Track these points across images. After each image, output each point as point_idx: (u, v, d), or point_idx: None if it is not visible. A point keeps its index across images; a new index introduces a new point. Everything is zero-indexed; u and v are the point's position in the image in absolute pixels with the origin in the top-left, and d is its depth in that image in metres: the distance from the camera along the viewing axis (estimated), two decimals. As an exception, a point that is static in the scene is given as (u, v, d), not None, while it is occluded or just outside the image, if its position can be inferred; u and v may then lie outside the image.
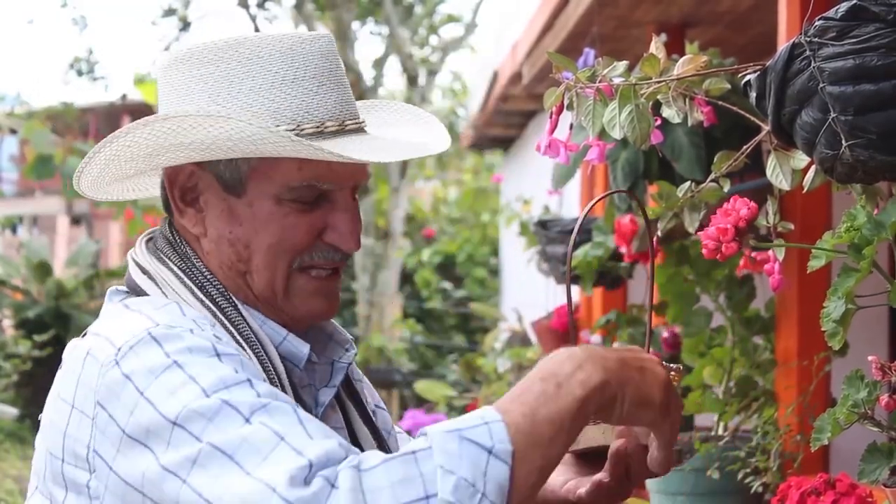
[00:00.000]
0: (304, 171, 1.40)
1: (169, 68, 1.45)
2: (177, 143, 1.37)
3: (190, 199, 1.45)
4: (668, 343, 3.28)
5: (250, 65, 1.41)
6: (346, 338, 1.54)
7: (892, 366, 1.59)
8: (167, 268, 1.44)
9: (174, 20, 14.68)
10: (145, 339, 1.28)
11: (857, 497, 1.84)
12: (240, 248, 1.43)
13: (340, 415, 1.53)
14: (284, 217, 1.42)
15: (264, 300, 1.45)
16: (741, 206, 1.61)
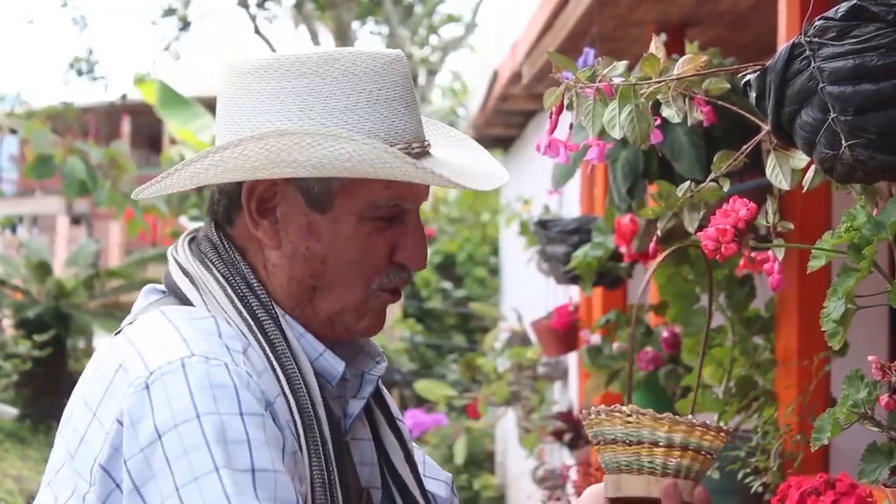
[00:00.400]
0: (390, 190, 1.41)
1: (252, 75, 1.41)
2: (290, 160, 1.35)
3: (266, 210, 1.43)
4: (668, 343, 3.28)
5: (345, 82, 1.40)
6: (377, 350, 1.54)
7: (892, 366, 1.59)
8: (210, 273, 1.43)
9: (174, 20, 14.68)
10: (177, 369, 1.30)
11: (857, 497, 1.84)
12: (315, 263, 1.42)
13: (368, 426, 1.53)
14: (367, 236, 1.42)
15: (323, 318, 1.44)
16: (740, 207, 1.61)
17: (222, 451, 1.26)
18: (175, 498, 1.24)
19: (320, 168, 1.36)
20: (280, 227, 1.42)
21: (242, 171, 1.38)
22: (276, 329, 1.40)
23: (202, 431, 1.26)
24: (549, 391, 6.39)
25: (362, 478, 1.48)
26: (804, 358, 2.54)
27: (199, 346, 1.33)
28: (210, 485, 1.24)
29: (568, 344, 4.67)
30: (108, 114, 21.26)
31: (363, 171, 1.36)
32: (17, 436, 8.12)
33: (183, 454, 1.26)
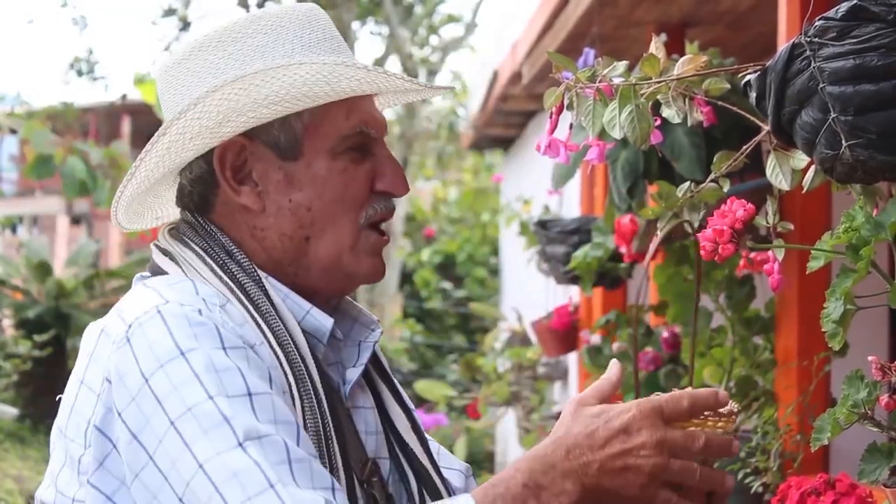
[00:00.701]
0: (351, 118, 1.43)
1: (185, 59, 1.44)
2: (250, 102, 1.37)
3: (242, 175, 1.44)
4: (668, 343, 3.28)
5: (276, 34, 1.43)
6: (371, 318, 1.54)
7: (891, 366, 1.59)
8: (188, 247, 1.44)
9: (174, 20, 14.68)
10: (153, 315, 1.30)
11: (856, 497, 1.84)
12: (302, 213, 1.43)
13: (370, 394, 1.53)
14: (343, 171, 1.43)
15: (323, 268, 1.44)
16: (737, 208, 1.61)
17: (213, 379, 1.25)
18: (172, 432, 1.23)
19: (281, 101, 1.37)
20: (260, 189, 1.43)
21: (209, 132, 1.39)
22: (258, 290, 1.40)
23: (189, 366, 1.26)
24: (549, 391, 6.39)
25: (368, 447, 1.48)
26: (804, 358, 2.54)
27: (173, 296, 1.34)
28: (206, 410, 1.23)
29: (568, 344, 4.67)
30: (108, 114, 21.24)
31: (321, 92, 1.38)
32: (17, 436, 8.12)
33: (173, 390, 1.25)
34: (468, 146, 10.92)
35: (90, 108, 18.95)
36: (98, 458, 1.30)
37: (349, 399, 1.48)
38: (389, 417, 1.52)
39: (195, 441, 1.22)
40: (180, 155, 1.43)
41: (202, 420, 1.22)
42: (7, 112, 14.29)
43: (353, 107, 1.44)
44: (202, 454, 1.21)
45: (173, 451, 1.23)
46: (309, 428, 1.33)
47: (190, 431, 1.22)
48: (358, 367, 1.49)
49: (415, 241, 14.78)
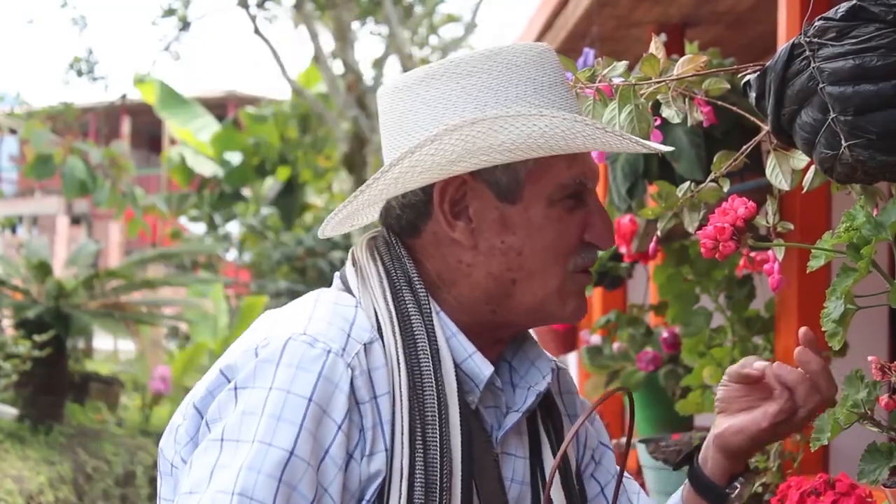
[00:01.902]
0: (572, 169, 1.45)
1: (416, 86, 1.45)
2: (485, 146, 1.38)
3: (458, 210, 1.45)
4: (668, 343, 3.28)
5: (510, 73, 1.43)
6: (546, 365, 1.53)
7: (891, 366, 1.59)
8: (374, 265, 1.46)
9: (174, 20, 14.69)
10: (282, 343, 1.36)
11: (856, 497, 1.84)
12: (512, 256, 1.44)
13: (527, 442, 1.53)
14: (558, 220, 1.45)
15: (525, 310, 1.46)
16: (739, 206, 1.61)
17: (270, 425, 1.30)
18: (217, 445, 1.31)
19: (515, 149, 1.38)
20: (474, 226, 1.44)
21: (439, 168, 1.40)
22: (421, 325, 1.41)
23: (265, 402, 1.31)
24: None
25: (510, 495, 1.48)
26: (804, 358, 2.53)
27: (314, 327, 1.37)
28: (240, 451, 1.29)
29: (568, 344, 4.67)
30: (108, 114, 21.24)
31: (556, 145, 1.39)
32: (17, 436, 8.11)
33: (240, 414, 1.32)
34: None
35: (90, 108, 18.95)
36: (190, 432, 1.37)
37: (500, 444, 1.48)
38: (543, 469, 1.52)
39: (219, 466, 1.29)
40: (406, 185, 1.44)
41: (236, 455, 1.29)
42: (7, 112, 14.29)
43: (576, 158, 1.45)
44: (201, 482, 1.29)
45: (204, 458, 1.31)
46: (416, 473, 1.34)
47: (224, 457, 1.30)
48: (515, 413, 1.49)
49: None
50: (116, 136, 20.96)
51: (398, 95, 1.47)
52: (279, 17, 18.89)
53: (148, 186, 19.65)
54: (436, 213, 1.45)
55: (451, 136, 1.38)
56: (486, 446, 1.44)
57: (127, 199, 11.42)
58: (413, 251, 1.48)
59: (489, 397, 1.47)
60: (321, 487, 1.31)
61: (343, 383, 1.34)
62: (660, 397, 3.25)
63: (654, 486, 2.68)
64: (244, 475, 1.27)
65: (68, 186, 10.93)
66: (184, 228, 20.26)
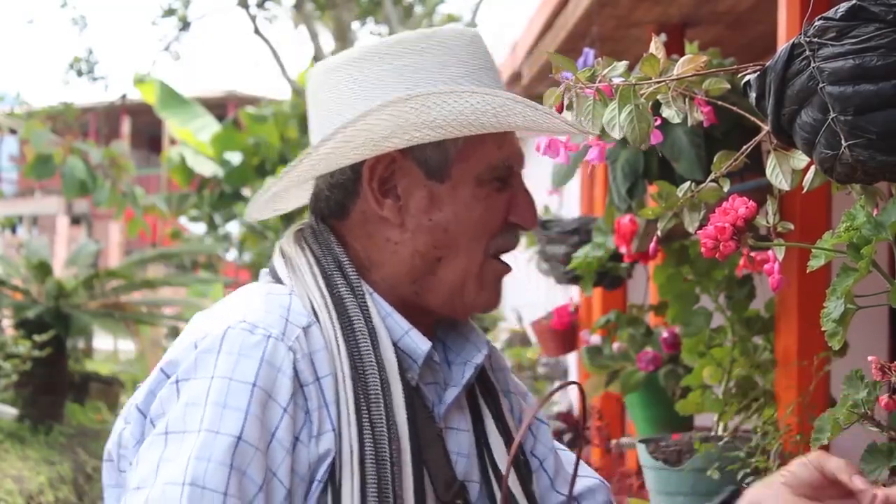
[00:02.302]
0: (502, 150, 1.47)
1: (349, 66, 1.46)
2: (417, 122, 1.39)
3: (387, 188, 1.46)
4: (668, 343, 3.28)
5: (443, 55, 1.45)
6: (481, 339, 1.55)
7: (892, 366, 1.59)
8: (304, 254, 1.47)
9: (174, 20, 14.69)
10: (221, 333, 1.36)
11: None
12: (438, 233, 1.45)
13: (468, 415, 1.54)
14: (485, 198, 1.46)
15: (446, 291, 1.47)
16: (739, 205, 1.61)
17: (215, 413, 1.30)
18: (161, 439, 1.31)
19: (447, 126, 1.39)
20: (402, 203, 1.46)
21: (371, 144, 1.41)
22: (356, 307, 1.42)
23: (208, 391, 1.31)
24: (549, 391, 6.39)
25: (458, 469, 1.48)
26: (804, 358, 2.54)
27: (252, 316, 1.38)
28: (186, 442, 1.29)
29: (568, 344, 4.67)
30: (108, 114, 21.25)
31: (486, 122, 1.40)
32: (17, 436, 8.11)
33: (183, 406, 1.32)
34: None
35: (90, 108, 18.97)
36: (136, 435, 1.36)
37: (443, 419, 1.49)
38: (487, 441, 1.53)
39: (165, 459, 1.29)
40: (338, 161, 1.45)
41: (182, 447, 1.29)
42: (7, 112, 14.29)
43: (505, 139, 1.48)
44: (148, 476, 1.29)
45: (149, 453, 1.31)
46: (366, 450, 1.35)
47: (169, 450, 1.29)
48: (454, 388, 1.50)
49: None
50: (116, 136, 20.95)
51: (329, 76, 1.47)
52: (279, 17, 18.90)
53: (148, 186, 19.65)
54: (364, 192, 1.46)
55: (384, 112, 1.39)
56: (429, 422, 1.46)
57: (127, 199, 11.42)
58: (341, 234, 1.49)
59: (428, 374, 1.49)
60: (270, 471, 1.31)
61: (286, 367, 1.35)
62: (660, 397, 3.25)
63: (655, 485, 2.68)
64: (194, 465, 1.27)
65: (68, 186, 10.93)
66: (184, 228, 20.25)
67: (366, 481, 1.33)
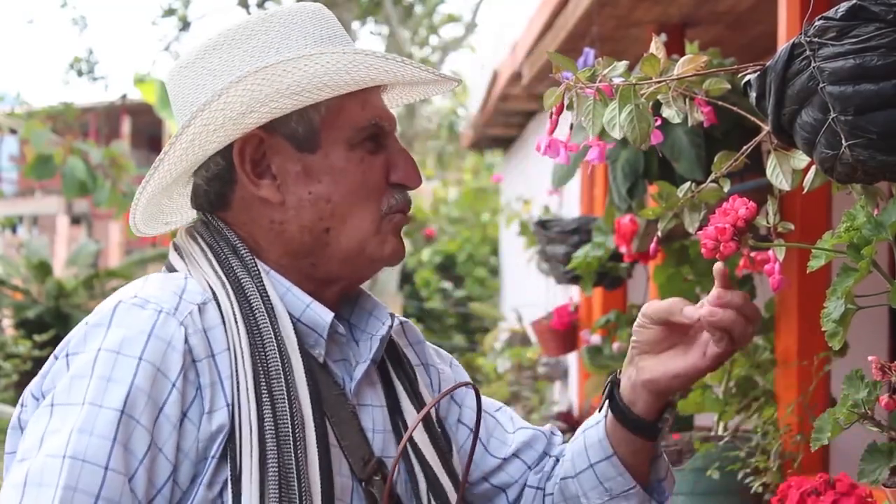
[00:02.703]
0: (366, 110, 1.46)
1: (199, 59, 1.46)
2: (272, 92, 1.39)
3: (261, 169, 1.45)
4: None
5: (289, 30, 1.45)
6: (384, 312, 1.54)
7: (892, 366, 1.59)
8: (195, 242, 1.47)
9: (174, 20, 14.69)
10: (112, 308, 1.36)
11: (856, 497, 1.84)
12: (322, 204, 1.45)
13: (381, 391, 1.53)
14: (360, 161, 1.46)
15: (343, 257, 1.46)
16: (740, 206, 1.61)
17: (100, 387, 1.30)
18: (47, 411, 1.30)
19: (302, 91, 1.39)
20: (279, 182, 1.45)
21: (231, 123, 1.41)
22: (252, 286, 1.41)
23: (93, 363, 1.31)
24: (549, 391, 6.40)
25: (375, 446, 1.48)
26: (804, 358, 2.54)
27: (145, 292, 1.38)
28: (70, 414, 1.28)
29: (568, 344, 4.68)
30: (108, 114, 21.26)
31: (342, 81, 1.40)
32: (17, 436, 8.11)
33: (70, 378, 1.32)
34: (468, 146, 10.92)
35: (90, 108, 18.96)
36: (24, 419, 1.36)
37: (355, 396, 1.48)
38: (403, 416, 1.52)
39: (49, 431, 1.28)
40: (203, 148, 1.44)
41: (65, 419, 1.28)
42: (7, 112, 14.29)
43: (367, 100, 1.47)
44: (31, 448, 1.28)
45: (34, 426, 1.30)
46: (265, 427, 1.33)
47: (53, 421, 1.29)
48: (363, 364, 1.49)
49: (415, 241, 14.77)
50: (116, 136, 20.96)
51: (183, 73, 1.48)
52: (279, 17, 18.86)
53: (148, 186, 19.59)
54: (239, 177, 1.45)
55: (237, 88, 1.39)
56: (340, 399, 1.45)
57: (127, 199, 11.40)
58: (228, 224, 1.48)
59: (335, 350, 1.48)
60: (155, 446, 1.30)
61: (176, 341, 1.34)
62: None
63: (655, 486, 2.68)
64: (76, 437, 1.26)
65: (68, 186, 10.92)
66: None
67: (265, 457, 1.32)
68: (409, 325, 1.64)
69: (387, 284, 12.74)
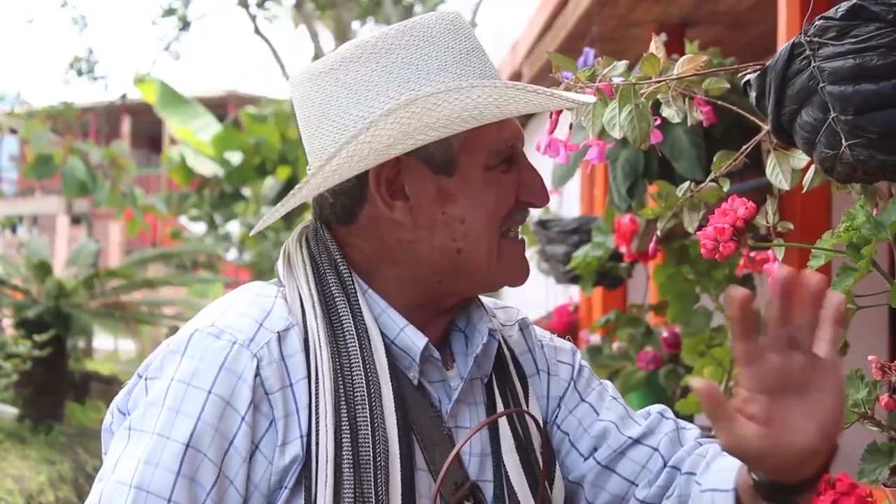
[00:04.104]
0: (502, 133, 1.45)
1: (336, 70, 1.43)
2: (421, 126, 1.37)
3: (394, 189, 1.43)
4: (668, 343, 3.28)
5: (428, 46, 1.43)
6: (485, 327, 1.50)
7: (892, 365, 1.59)
8: (300, 252, 1.47)
9: (174, 20, 14.69)
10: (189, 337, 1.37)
11: (856, 497, 1.83)
12: (455, 225, 1.43)
13: (483, 411, 1.50)
14: (496, 183, 1.44)
15: (473, 276, 1.45)
16: (739, 206, 1.61)
17: (169, 418, 1.31)
18: (125, 434, 1.33)
19: (450, 125, 1.37)
20: (413, 203, 1.43)
21: (376, 154, 1.39)
22: (345, 305, 1.41)
23: (166, 393, 1.33)
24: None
25: (471, 469, 1.45)
26: (804, 358, 2.53)
27: (224, 319, 1.38)
28: (142, 442, 1.31)
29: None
30: (108, 114, 21.25)
31: (489, 114, 1.38)
32: (17, 436, 8.11)
33: (145, 404, 1.34)
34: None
35: (90, 108, 18.97)
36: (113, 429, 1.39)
37: (451, 417, 1.46)
38: (498, 438, 1.49)
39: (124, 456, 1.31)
40: (345, 175, 1.41)
41: (137, 446, 1.31)
42: (7, 112, 14.29)
43: (504, 122, 1.45)
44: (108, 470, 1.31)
45: (114, 447, 1.34)
46: (343, 455, 1.32)
47: (130, 447, 1.31)
48: (458, 383, 1.47)
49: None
50: (116, 136, 20.95)
51: (316, 83, 1.45)
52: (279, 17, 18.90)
53: (148, 186, 19.65)
54: (371, 197, 1.44)
55: (387, 122, 1.37)
56: (435, 421, 1.43)
57: (127, 198, 11.41)
58: (349, 236, 1.47)
59: (433, 371, 1.46)
60: (226, 479, 1.30)
61: (247, 374, 1.33)
62: (660, 397, 3.25)
63: (655, 485, 2.68)
64: (142, 468, 1.28)
65: (68, 186, 10.92)
66: (184, 228, 20.25)
67: (341, 486, 1.31)
68: (529, 329, 1.62)
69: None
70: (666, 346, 3.28)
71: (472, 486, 1.43)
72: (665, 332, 3.30)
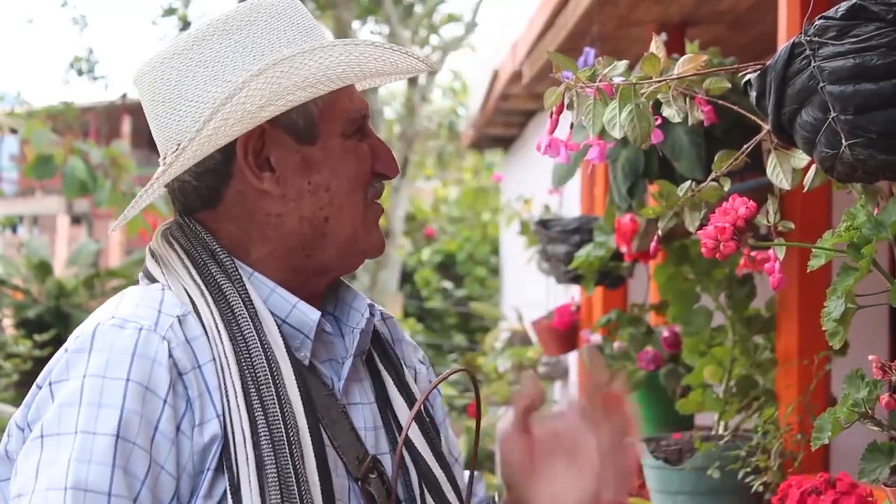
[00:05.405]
0: (353, 101, 1.48)
1: (189, 50, 1.45)
2: (290, 85, 1.39)
3: (261, 161, 1.45)
4: (669, 342, 3.28)
5: (276, 22, 1.46)
6: (363, 303, 1.53)
7: (892, 365, 1.59)
8: (172, 249, 1.46)
9: (174, 20, 14.69)
10: (90, 333, 1.34)
11: (857, 496, 1.84)
12: (321, 193, 1.45)
13: (369, 388, 1.53)
14: (355, 150, 1.48)
15: (339, 248, 1.47)
16: (739, 205, 1.61)
17: (91, 413, 1.29)
18: (38, 443, 1.29)
19: (316, 83, 1.40)
20: (279, 174, 1.45)
21: (250, 116, 1.40)
22: (234, 292, 1.41)
23: (81, 391, 1.30)
24: (550, 391, 6.39)
25: (368, 444, 1.47)
26: (804, 357, 2.54)
27: (122, 311, 1.37)
28: (63, 444, 1.27)
29: (568, 343, 4.67)
30: (108, 114, 21.25)
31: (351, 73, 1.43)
32: (17, 436, 8.11)
33: (57, 407, 1.30)
34: (468, 146, 10.92)
35: (90, 108, 18.95)
36: (18, 449, 1.33)
37: (344, 395, 1.48)
38: (393, 411, 1.52)
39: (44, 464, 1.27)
40: (218, 142, 1.42)
41: (59, 450, 1.27)
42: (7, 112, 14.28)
43: (353, 91, 1.50)
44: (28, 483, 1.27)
45: (27, 461, 1.29)
46: (260, 433, 1.33)
47: (46, 454, 1.27)
48: (348, 360, 1.49)
49: (415, 241, 14.78)
50: (117, 136, 20.95)
51: (168, 65, 1.46)
52: (279, 17, 18.86)
53: (148, 186, 19.58)
54: (238, 171, 1.44)
55: (258, 81, 1.38)
56: (330, 400, 1.45)
57: (127, 198, 11.41)
58: (212, 223, 1.47)
59: (322, 350, 1.48)
60: (157, 464, 1.30)
61: (161, 356, 1.33)
62: (660, 396, 3.25)
63: (655, 485, 2.68)
64: (74, 468, 1.25)
65: (69, 186, 10.92)
66: (184, 228, 20.20)
67: (262, 464, 1.31)
68: (392, 321, 1.64)
69: (387, 284, 12.74)
70: (666, 345, 3.28)
71: (373, 459, 1.46)
72: (665, 332, 3.30)
